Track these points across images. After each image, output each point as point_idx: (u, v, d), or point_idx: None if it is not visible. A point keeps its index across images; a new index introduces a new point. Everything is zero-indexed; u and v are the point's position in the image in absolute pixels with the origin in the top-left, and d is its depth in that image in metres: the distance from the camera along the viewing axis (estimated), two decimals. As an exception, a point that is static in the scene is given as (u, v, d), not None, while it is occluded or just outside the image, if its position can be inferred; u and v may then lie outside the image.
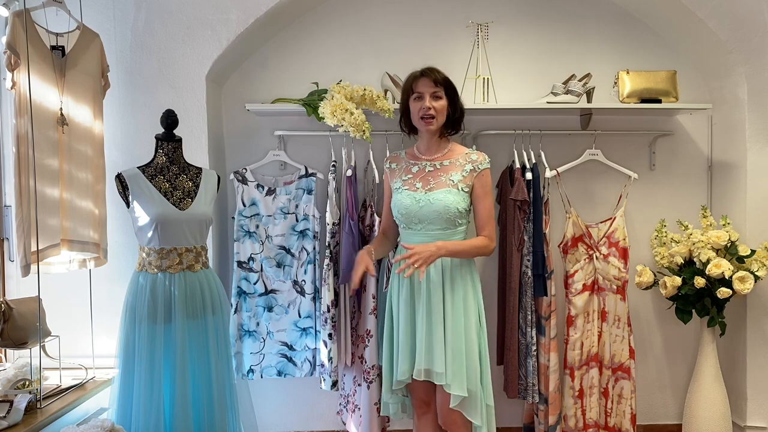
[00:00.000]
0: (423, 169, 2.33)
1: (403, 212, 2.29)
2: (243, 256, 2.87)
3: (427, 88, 2.25)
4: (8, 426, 2.02)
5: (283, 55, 3.08)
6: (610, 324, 2.92)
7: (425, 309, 2.24)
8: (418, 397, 2.39)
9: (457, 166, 2.29)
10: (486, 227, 2.29)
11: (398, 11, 3.10)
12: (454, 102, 2.31)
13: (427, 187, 2.28)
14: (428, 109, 2.24)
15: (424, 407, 2.39)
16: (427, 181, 2.29)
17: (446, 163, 2.31)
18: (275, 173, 3.04)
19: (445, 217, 2.23)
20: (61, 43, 2.36)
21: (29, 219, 2.15)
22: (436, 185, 2.27)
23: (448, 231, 2.25)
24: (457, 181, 2.26)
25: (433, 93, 2.25)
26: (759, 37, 2.88)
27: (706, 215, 2.95)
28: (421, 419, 2.41)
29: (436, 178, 2.29)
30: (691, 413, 2.91)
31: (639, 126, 3.14)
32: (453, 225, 2.25)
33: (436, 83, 2.25)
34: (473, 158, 2.30)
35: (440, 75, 2.28)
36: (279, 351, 2.89)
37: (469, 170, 2.28)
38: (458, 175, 2.27)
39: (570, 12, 3.13)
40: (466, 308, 2.25)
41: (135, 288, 2.34)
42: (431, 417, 2.39)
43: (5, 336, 2.20)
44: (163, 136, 2.44)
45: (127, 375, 2.31)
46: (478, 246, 2.26)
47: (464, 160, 2.30)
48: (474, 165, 2.29)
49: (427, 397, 2.37)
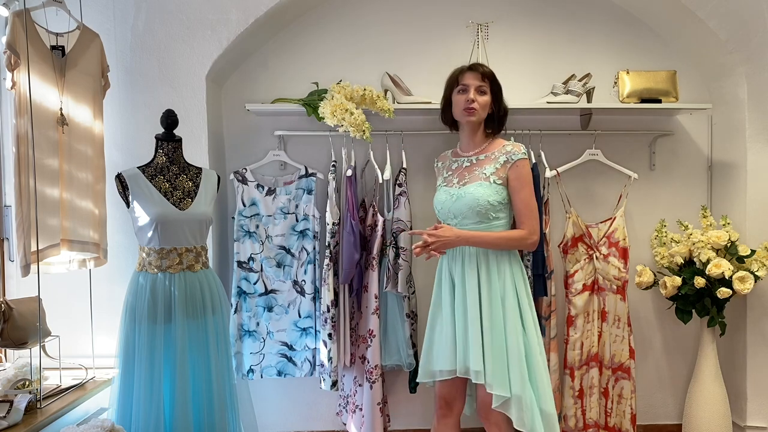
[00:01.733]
0: (461, 165, 2.33)
1: (439, 208, 2.31)
2: (243, 256, 2.87)
3: (474, 81, 2.24)
4: (8, 426, 2.02)
5: (283, 55, 3.08)
6: (610, 324, 2.92)
7: (462, 303, 2.21)
8: (442, 397, 2.33)
9: (492, 159, 2.26)
10: (524, 220, 2.20)
11: (398, 11, 3.10)
12: (499, 99, 2.30)
13: (462, 182, 2.28)
14: (472, 101, 2.22)
15: (446, 409, 2.33)
16: (463, 176, 2.29)
17: (482, 157, 2.29)
18: (275, 173, 3.04)
19: (476, 210, 2.19)
20: (61, 43, 2.36)
21: (29, 219, 2.15)
22: (471, 179, 2.26)
23: (482, 225, 2.21)
24: (489, 174, 2.23)
25: (479, 87, 2.24)
26: (759, 37, 2.88)
27: (706, 215, 2.95)
28: (441, 422, 2.34)
29: (471, 172, 2.28)
30: (691, 413, 2.91)
31: (639, 126, 3.14)
32: (486, 219, 2.20)
33: (483, 77, 2.25)
34: (508, 150, 2.25)
35: (488, 69, 2.27)
36: (279, 351, 2.89)
37: (503, 162, 2.23)
38: (491, 168, 2.24)
39: (570, 12, 3.13)
40: (505, 304, 2.18)
41: (135, 288, 2.34)
42: (451, 422, 2.33)
43: (5, 336, 2.20)
44: (163, 136, 2.44)
45: (127, 375, 2.31)
46: (508, 238, 2.19)
47: (499, 153, 2.26)
48: (508, 156, 2.23)
49: (451, 399, 2.31)
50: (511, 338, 2.16)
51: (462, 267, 2.24)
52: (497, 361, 2.13)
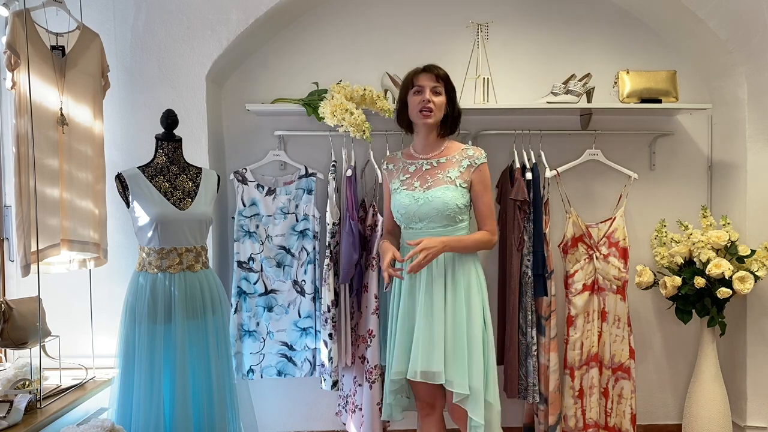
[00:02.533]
0: (420, 168, 2.33)
1: (402, 212, 2.30)
2: (243, 256, 2.87)
3: (428, 82, 2.25)
4: (8, 426, 2.02)
5: (283, 55, 3.08)
6: (610, 324, 2.92)
7: (425, 306, 2.23)
8: (421, 399, 2.37)
9: (454, 163, 2.29)
10: (487, 222, 2.31)
11: (398, 11, 3.10)
12: (453, 101, 2.32)
13: (425, 186, 2.28)
14: (428, 102, 2.23)
15: (428, 408, 2.37)
16: (425, 180, 2.29)
17: (443, 160, 2.31)
18: (275, 173, 3.04)
19: (445, 214, 2.22)
20: (61, 43, 2.36)
21: (29, 219, 2.15)
22: (434, 183, 2.27)
23: (449, 228, 2.25)
24: (454, 177, 2.26)
25: (434, 88, 2.25)
26: (759, 37, 2.88)
27: (706, 215, 2.95)
28: (425, 420, 2.39)
29: (434, 175, 2.29)
30: (691, 413, 2.91)
31: (639, 126, 3.14)
32: (453, 222, 2.25)
33: (438, 78, 2.26)
34: (470, 153, 2.31)
35: (442, 71, 2.29)
36: (279, 351, 2.89)
37: (466, 165, 2.28)
38: (455, 171, 2.27)
39: (570, 12, 3.13)
40: (469, 303, 2.24)
41: (135, 288, 2.34)
42: (435, 419, 2.37)
43: (5, 336, 2.20)
44: (163, 136, 2.44)
45: (127, 375, 2.31)
46: (480, 240, 2.28)
47: (461, 156, 2.30)
48: (471, 160, 2.29)
49: (431, 399, 2.34)
50: (475, 336, 2.22)
51: (429, 271, 2.25)
52: (458, 360, 2.18)
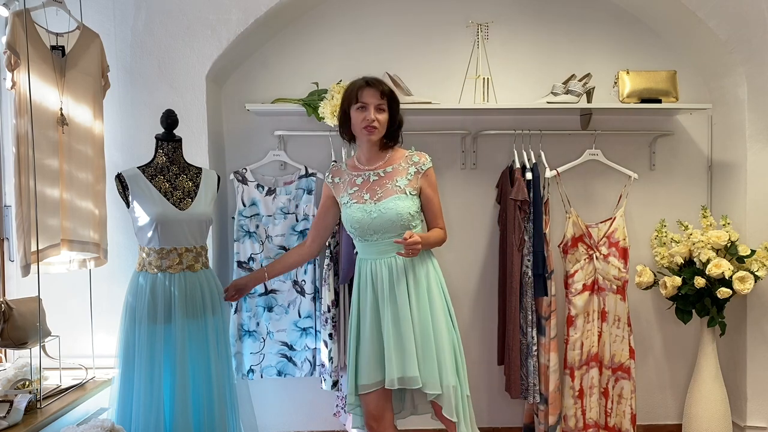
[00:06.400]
0: (367, 180, 2.32)
1: (356, 226, 2.28)
2: (243, 256, 2.87)
3: (373, 99, 2.25)
4: (8, 426, 2.02)
5: (283, 55, 3.08)
6: (610, 324, 2.92)
7: (391, 311, 2.22)
8: (369, 413, 2.29)
9: (401, 171, 2.30)
10: (439, 221, 2.37)
11: (398, 11, 3.10)
12: (394, 115, 2.32)
13: (375, 198, 2.27)
14: (372, 120, 2.23)
15: (374, 424, 2.29)
16: (374, 191, 2.28)
17: (389, 169, 2.31)
18: (275, 173, 3.04)
19: (399, 224, 2.22)
20: (61, 43, 2.35)
21: (29, 219, 2.14)
22: (384, 194, 2.26)
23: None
24: (404, 186, 2.27)
25: (378, 105, 2.25)
26: (759, 37, 2.88)
27: (706, 215, 2.95)
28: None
29: (383, 186, 2.28)
30: (691, 413, 2.91)
31: (639, 126, 3.14)
32: (408, 229, 2.24)
33: (382, 95, 2.25)
34: (415, 160, 2.33)
35: (386, 87, 2.29)
36: (279, 351, 2.89)
37: (414, 173, 2.30)
38: (404, 180, 2.28)
39: (570, 12, 3.13)
40: (432, 300, 2.25)
41: (135, 288, 2.34)
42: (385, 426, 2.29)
43: (5, 336, 2.20)
44: (163, 136, 2.43)
45: (127, 375, 2.31)
46: (439, 237, 2.35)
47: (407, 164, 2.31)
48: (417, 167, 2.31)
49: (378, 413, 2.28)
50: (442, 334, 2.22)
51: (390, 274, 2.25)
52: (428, 361, 2.19)
